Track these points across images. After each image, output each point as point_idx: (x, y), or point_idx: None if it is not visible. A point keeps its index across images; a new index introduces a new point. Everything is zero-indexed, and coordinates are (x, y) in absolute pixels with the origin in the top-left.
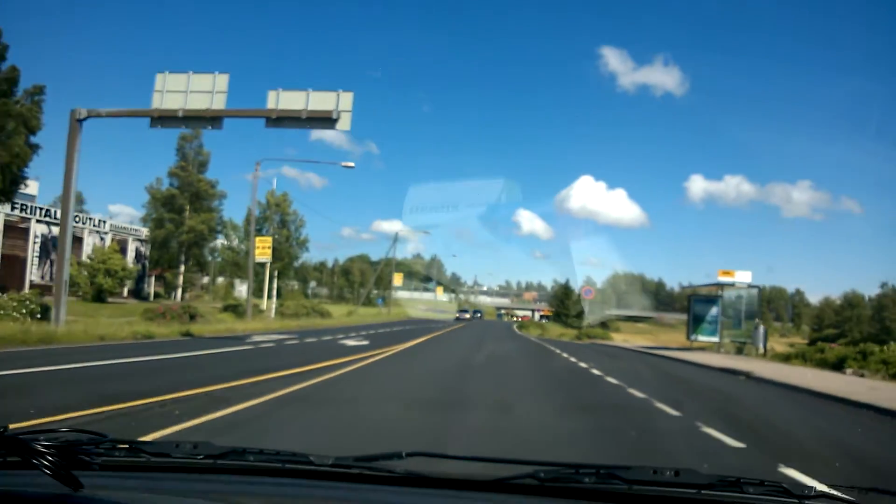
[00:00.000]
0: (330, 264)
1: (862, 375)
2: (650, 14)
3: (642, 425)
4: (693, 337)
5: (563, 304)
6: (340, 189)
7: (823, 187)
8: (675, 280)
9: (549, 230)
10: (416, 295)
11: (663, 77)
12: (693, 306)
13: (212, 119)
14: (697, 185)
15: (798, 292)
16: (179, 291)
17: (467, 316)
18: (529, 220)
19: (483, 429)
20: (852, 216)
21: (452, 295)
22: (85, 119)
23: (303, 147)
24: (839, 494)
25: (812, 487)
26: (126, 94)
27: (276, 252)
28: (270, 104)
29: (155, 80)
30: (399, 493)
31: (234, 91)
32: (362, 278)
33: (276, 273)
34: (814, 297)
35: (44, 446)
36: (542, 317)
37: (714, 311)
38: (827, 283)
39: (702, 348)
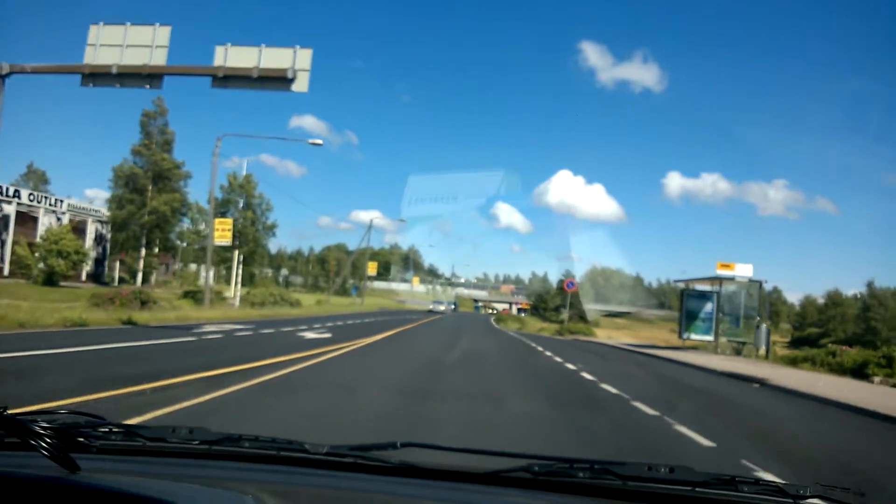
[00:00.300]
0: (306, 253)
1: (895, 385)
2: (630, 9)
3: (670, 462)
4: (685, 335)
5: (542, 297)
6: (319, 178)
7: (799, 186)
8: (652, 275)
9: (527, 224)
10: (393, 285)
11: (642, 73)
12: (686, 302)
13: (150, 77)
14: (675, 182)
15: (776, 290)
16: (141, 276)
17: (442, 308)
18: (508, 214)
19: None
20: (827, 216)
21: (429, 286)
22: (8, 75)
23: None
24: (834, 496)
25: (807, 487)
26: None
27: (242, 236)
28: (218, 61)
29: (88, 33)
30: (393, 482)
31: (181, 54)
32: (338, 267)
33: (242, 259)
34: (790, 296)
35: (42, 428)
36: (519, 310)
37: (709, 307)
38: (801, 281)
39: (694, 347)
